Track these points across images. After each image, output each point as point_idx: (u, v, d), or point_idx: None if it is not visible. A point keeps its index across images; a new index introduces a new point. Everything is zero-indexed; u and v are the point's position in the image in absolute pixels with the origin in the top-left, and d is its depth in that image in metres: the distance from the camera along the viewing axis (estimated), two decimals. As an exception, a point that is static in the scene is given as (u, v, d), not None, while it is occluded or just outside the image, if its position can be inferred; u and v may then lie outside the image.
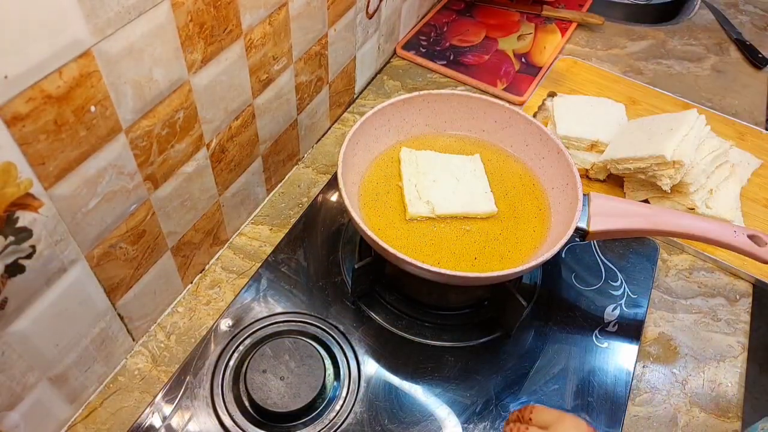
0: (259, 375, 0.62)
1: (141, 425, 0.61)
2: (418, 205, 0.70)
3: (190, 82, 0.58)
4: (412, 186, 0.71)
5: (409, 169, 0.73)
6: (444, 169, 0.73)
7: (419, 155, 0.74)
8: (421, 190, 0.71)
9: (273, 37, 0.68)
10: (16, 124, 0.42)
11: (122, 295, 0.62)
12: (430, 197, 0.70)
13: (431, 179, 0.72)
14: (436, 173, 0.73)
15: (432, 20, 1.13)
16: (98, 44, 0.46)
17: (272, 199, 0.84)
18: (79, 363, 0.60)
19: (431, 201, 0.70)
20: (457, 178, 0.73)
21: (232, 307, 0.70)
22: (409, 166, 0.73)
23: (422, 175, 0.72)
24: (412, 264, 0.59)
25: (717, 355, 0.72)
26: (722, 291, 0.78)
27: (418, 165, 0.73)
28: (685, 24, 1.20)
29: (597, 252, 0.80)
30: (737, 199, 0.83)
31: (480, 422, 0.64)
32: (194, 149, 0.63)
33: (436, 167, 0.73)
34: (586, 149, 0.88)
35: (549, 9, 1.16)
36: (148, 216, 0.60)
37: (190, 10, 0.53)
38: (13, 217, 0.45)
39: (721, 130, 0.95)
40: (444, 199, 0.70)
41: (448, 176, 0.73)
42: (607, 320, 0.73)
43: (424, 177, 0.72)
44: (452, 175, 0.73)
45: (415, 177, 0.72)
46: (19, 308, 0.49)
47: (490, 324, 0.71)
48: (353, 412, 0.63)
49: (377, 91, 1.01)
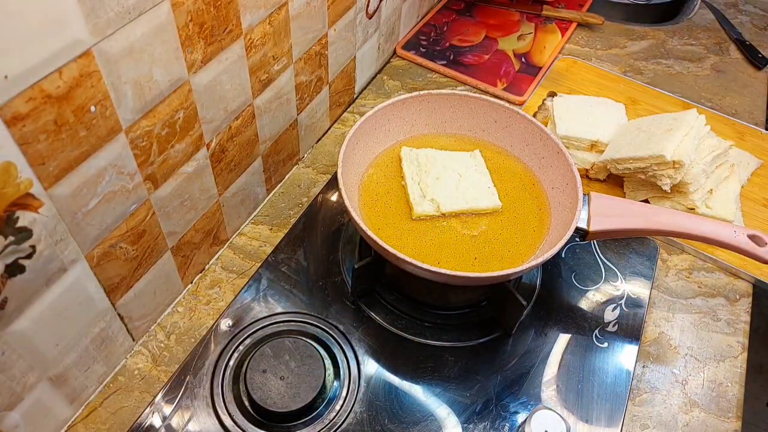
0: (259, 375, 0.62)
1: (141, 425, 0.61)
2: (424, 204, 0.70)
3: (190, 82, 0.58)
4: (415, 185, 0.71)
5: (411, 168, 0.73)
6: (446, 167, 0.73)
7: (420, 153, 0.74)
8: (424, 188, 0.71)
9: (273, 37, 0.68)
10: (16, 124, 0.42)
11: (122, 295, 0.62)
12: (435, 195, 0.70)
13: (434, 177, 0.72)
14: (438, 171, 0.73)
15: (432, 20, 1.13)
16: (98, 44, 0.46)
17: (272, 199, 0.84)
18: (79, 363, 0.60)
19: (436, 199, 0.70)
20: (460, 174, 0.73)
21: (232, 307, 0.70)
22: (410, 165, 0.73)
23: (424, 173, 0.72)
24: (412, 264, 0.59)
25: (717, 355, 0.72)
26: (722, 291, 0.78)
27: (419, 163, 0.73)
28: (685, 24, 1.20)
29: (597, 252, 0.80)
30: (737, 199, 0.83)
31: (480, 422, 0.64)
32: (194, 149, 0.63)
33: (438, 165, 0.73)
34: (586, 149, 0.88)
35: (549, 9, 1.16)
36: (148, 216, 0.60)
37: (190, 10, 0.53)
38: (13, 217, 0.45)
39: (721, 130, 0.96)
40: (448, 196, 0.71)
41: (451, 173, 0.73)
42: (607, 320, 0.73)
43: (426, 175, 0.72)
44: (454, 171, 0.73)
45: (417, 175, 0.72)
46: (19, 308, 0.49)
47: (490, 324, 0.71)
48: (353, 412, 0.63)
49: (377, 91, 1.01)
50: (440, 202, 0.70)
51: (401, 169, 0.74)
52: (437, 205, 0.70)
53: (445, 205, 0.70)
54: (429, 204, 0.70)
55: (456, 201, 0.70)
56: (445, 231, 0.69)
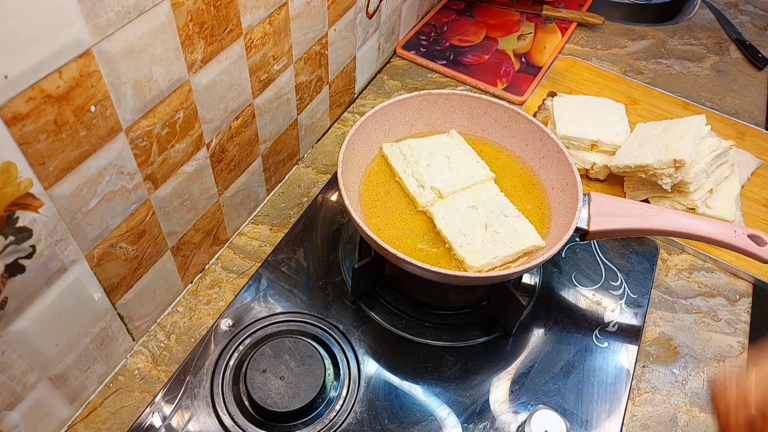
0: (259, 375, 0.62)
1: (141, 425, 0.61)
2: (425, 195, 0.70)
3: (190, 81, 0.58)
4: (410, 177, 0.72)
5: (400, 162, 0.73)
6: (432, 153, 0.74)
7: (401, 146, 0.75)
8: (419, 178, 0.71)
9: (273, 37, 0.68)
10: (16, 124, 0.42)
11: (122, 294, 0.62)
12: (433, 182, 0.71)
13: (425, 165, 0.72)
14: (426, 158, 0.73)
15: (432, 20, 1.13)
16: (98, 44, 0.46)
17: (272, 199, 0.84)
18: (79, 363, 0.60)
19: (435, 186, 0.70)
20: (447, 157, 0.74)
21: (232, 307, 0.70)
22: (397, 160, 0.73)
23: (414, 164, 0.72)
24: (412, 264, 0.59)
25: (717, 355, 0.72)
26: (722, 291, 0.78)
27: (405, 156, 0.73)
28: (685, 24, 1.20)
29: (597, 252, 0.80)
30: (737, 199, 0.83)
31: (480, 422, 0.64)
32: (194, 149, 0.63)
33: (424, 153, 0.74)
34: (586, 149, 0.88)
35: (549, 9, 1.16)
36: (148, 216, 0.60)
37: (190, 10, 0.53)
38: (13, 216, 0.45)
39: (721, 130, 0.96)
40: (445, 180, 0.71)
41: (439, 157, 0.73)
42: (607, 320, 0.73)
43: (416, 165, 0.72)
44: (441, 155, 0.74)
45: (408, 168, 0.72)
46: (19, 308, 0.49)
47: (490, 324, 0.71)
48: (353, 412, 0.63)
49: (377, 91, 1.01)
50: (440, 188, 0.70)
51: (391, 167, 0.74)
52: (438, 191, 0.70)
53: (445, 190, 0.70)
54: (430, 192, 0.70)
55: (454, 182, 0.71)
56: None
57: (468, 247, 0.65)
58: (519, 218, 0.68)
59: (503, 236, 0.66)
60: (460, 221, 0.67)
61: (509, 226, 0.67)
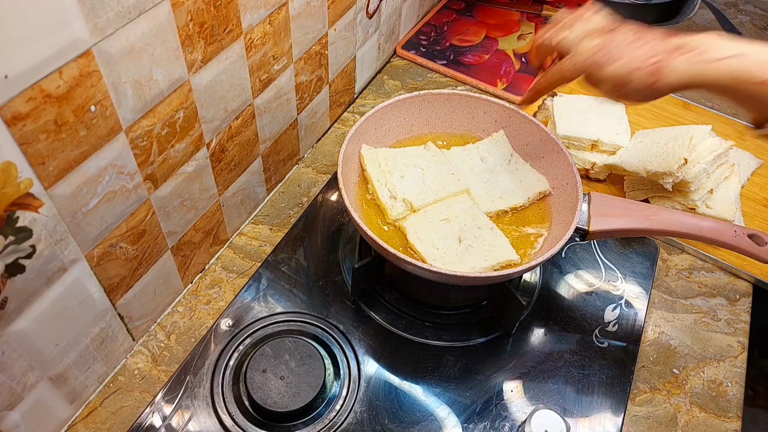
0: (259, 375, 0.62)
1: (141, 425, 0.61)
2: (396, 207, 0.69)
3: (190, 81, 0.58)
4: (382, 187, 0.71)
5: (375, 169, 0.72)
6: (407, 164, 0.73)
7: (378, 153, 0.74)
8: (392, 189, 0.70)
9: (273, 37, 0.68)
10: (16, 123, 0.42)
11: (122, 294, 0.62)
12: (404, 194, 0.70)
13: (398, 176, 0.71)
14: (400, 169, 0.72)
15: (432, 20, 1.13)
16: (98, 44, 0.46)
17: (272, 199, 0.84)
18: (79, 363, 0.60)
19: (407, 198, 0.69)
20: (422, 169, 0.73)
21: (232, 307, 0.70)
22: (373, 166, 0.72)
23: (388, 173, 0.72)
24: (412, 264, 0.59)
25: (717, 355, 0.72)
26: (722, 291, 0.78)
27: (380, 164, 0.72)
28: (685, 24, 1.20)
29: (597, 252, 0.80)
30: (737, 198, 0.83)
31: (480, 422, 0.64)
32: (194, 149, 0.63)
33: (399, 163, 0.73)
34: (586, 149, 0.88)
35: (549, 9, 1.16)
36: (148, 216, 0.60)
37: (190, 10, 0.53)
38: (13, 216, 0.45)
39: (722, 130, 0.95)
40: (417, 192, 0.70)
41: (413, 169, 0.73)
42: (607, 320, 0.73)
43: (390, 176, 0.71)
44: (416, 167, 0.73)
45: (382, 177, 0.71)
46: (19, 308, 0.49)
47: (490, 323, 0.71)
48: (353, 412, 0.63)
49: (377, 91, 1.01)
50: (411, 200, 0.69)
51: (365, 171, 0.72)
52: (409, 204, 0.69)
53: (416, 202, 0.69)
54: (401, 204, 0.69)
55: (425, 195, 0.70)
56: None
57: (441, 260, 0.64)
58: (493, 230, 0.67)
59: (477, 249, 0.65)
60: (433, 235, 0.66)
61: (483, 239, 0.66)
